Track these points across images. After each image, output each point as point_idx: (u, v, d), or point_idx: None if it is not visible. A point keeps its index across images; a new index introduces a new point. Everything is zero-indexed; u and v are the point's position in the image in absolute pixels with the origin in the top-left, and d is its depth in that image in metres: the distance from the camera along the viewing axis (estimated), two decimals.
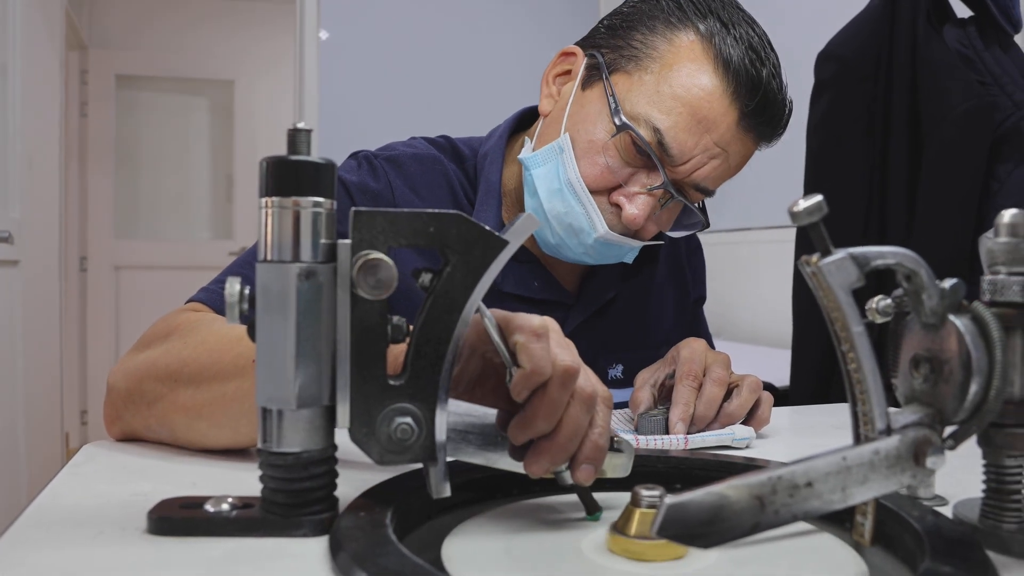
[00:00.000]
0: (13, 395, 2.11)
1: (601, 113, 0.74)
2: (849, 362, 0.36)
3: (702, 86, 0.71)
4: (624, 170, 0.74)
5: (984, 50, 1.04)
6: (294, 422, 0.40)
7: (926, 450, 0.36)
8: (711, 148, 0.72)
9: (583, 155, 0.74)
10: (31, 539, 0.40)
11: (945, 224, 1.04)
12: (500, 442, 0.44)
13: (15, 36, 2.11)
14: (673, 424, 0.65)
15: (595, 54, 0.77)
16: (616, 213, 0.75)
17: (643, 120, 0.72)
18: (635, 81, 0.73)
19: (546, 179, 0.75)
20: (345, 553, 0.35)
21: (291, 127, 0.40)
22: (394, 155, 0.82)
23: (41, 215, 2.50)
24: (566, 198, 0.74)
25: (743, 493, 0.34)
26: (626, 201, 0.74)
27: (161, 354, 0.59)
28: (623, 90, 0.73)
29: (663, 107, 0.71)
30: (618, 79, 0.74)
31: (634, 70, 0.74)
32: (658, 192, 0.74)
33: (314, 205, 0.39)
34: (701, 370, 0.68)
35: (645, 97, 0.72)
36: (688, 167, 0.73)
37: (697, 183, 0.74)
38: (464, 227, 0.41)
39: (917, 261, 0.36)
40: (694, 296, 0.98)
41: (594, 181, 0.74)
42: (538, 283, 0.82)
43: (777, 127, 0.76)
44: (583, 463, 0.44)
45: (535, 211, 0.77)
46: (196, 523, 0.40)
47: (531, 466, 0.43)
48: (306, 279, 0.39)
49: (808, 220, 0.35)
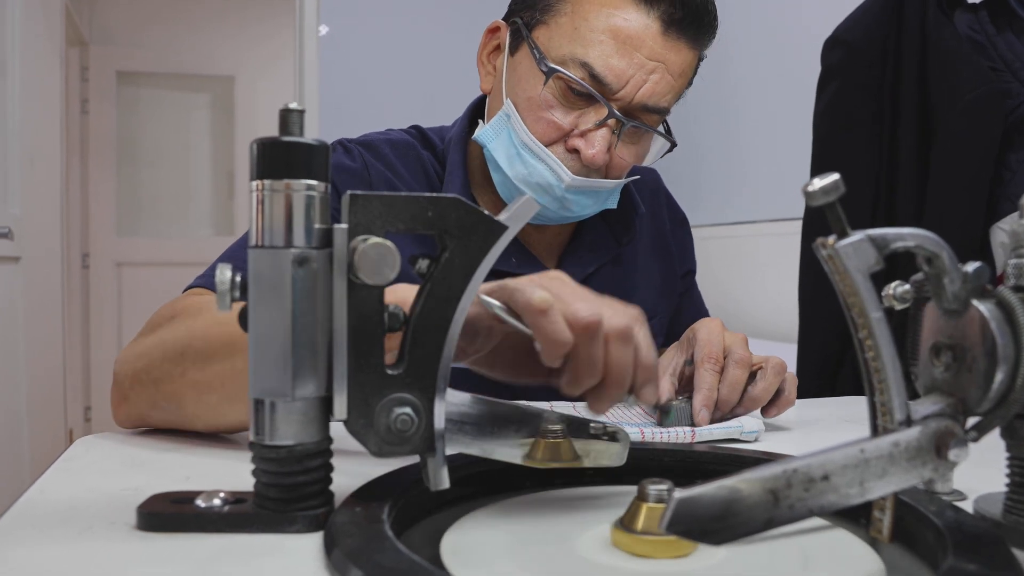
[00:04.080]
0: (16, 392, 2.11)
1: (532, 69, 0.76)
2: (867, 350, 0.34)
3: (615, 7, 0.73)
4: (570, 115, 0.75)
5: (996, 35, 1.02)
6: (287, 414, 0.38)
7: (948, 442, 0.34)
8: (645, 64, 0.73)
9: (527, 113, 0.76)
10: (17, 535, 0.38)
11: (955, 213, 1.02)
12: (496, 432, 0.43)
13: (15, 33, 2.09)
14: (697, 411, 0.63)
15: (516, 19, 0.79)
16: (576, 158, 0.76)
17: (569, 60, 0.73)
18: (553, 28, 0.76)
19: (503, 148, 0.78)
20: (340, 550, 0.34)
21: (283, 107, 0.38)
22: (368, 140, 0.85)
23: (42, 212, 2.49)
24: (525, 159, 0.76)
25: (756, 487, 0.32)
26: (581, 142, 0.75)
27: (169, 334, 0.59)
28: (545, 40, 0.76)
29: (584, 41, 0.73)
30: (539, 33, 0.77)
31: (550, 18, 0.76)
32: (610, 123, 0.74)
33: (307, 188, 0.38)
34: (721, 352, 0.67)
35: (566, 38, 0.74)
36: (628, 90, 0.74)
37: (645, 103, 0.75)
38: (463, 211, 0.39)
39: (939, 243, 0.35)
40: (683, 270, 0.99)
41: (545, 134, 0.76)
42: (516, 259, 0.82)
43: (704, 26, 0.76)
44: (643, 387, 0.45)
45: (503, 184, 0.79)
46: (187, 519, 0.39)
47: (596, 407, 0.45)
48: (300, 265, 0.37)
49: (824, 200, 0.33)
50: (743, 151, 2.12)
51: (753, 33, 2.07)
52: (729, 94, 2.16)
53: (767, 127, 2.01)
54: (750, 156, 2.09)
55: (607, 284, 0.88)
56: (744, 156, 2.12)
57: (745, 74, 2.10)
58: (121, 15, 4.00)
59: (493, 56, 0.84)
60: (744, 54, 2.11)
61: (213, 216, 4.25)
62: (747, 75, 2.09)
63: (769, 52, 2.01)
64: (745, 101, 2.11)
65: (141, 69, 4.00)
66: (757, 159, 2.06)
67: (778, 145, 1.95)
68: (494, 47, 0.83)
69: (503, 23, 0.83)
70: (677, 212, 1.00)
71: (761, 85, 2.04)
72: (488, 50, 0.84)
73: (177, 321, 0.61)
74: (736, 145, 2.14)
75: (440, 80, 2.66)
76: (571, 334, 0.42)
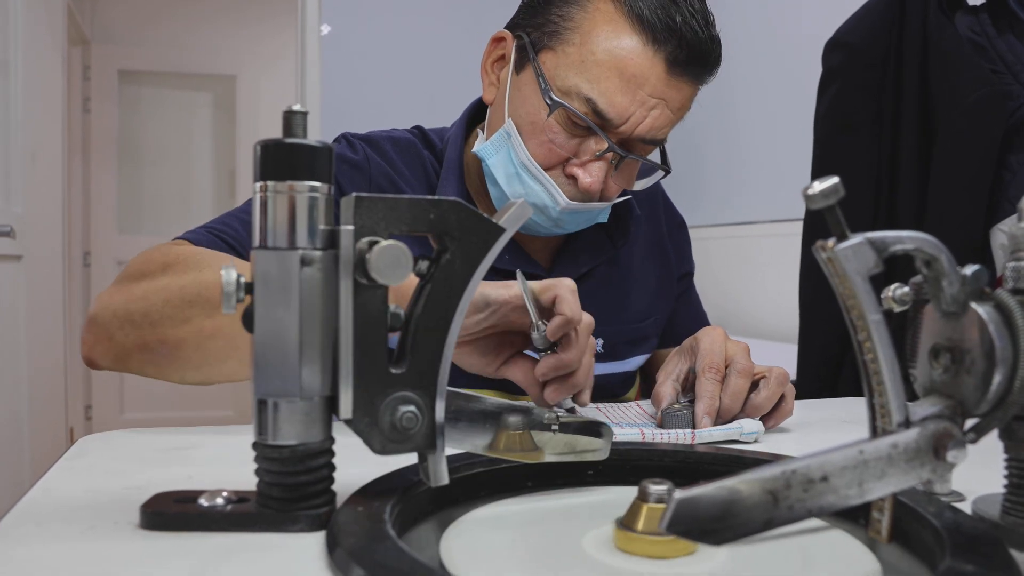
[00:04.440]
0: (17, 390, 2.11)
1: (536, 93, 0.77)
2: (866, 352, 0.35)
3: (622, 46, 0.73)
4: (570, 142, 0.76)
5: (997, 37, 1.02)
6: (291, 414, 0.38)
7: (946, 443, 0.34)
8: (647, 101, 0.74)
9: (529, 137, 0.77)
10: (20, 534, 0.39)
11: (956, 215, 1.02)
12: (487, 428, 0.43)
13: (17, 32, 2.09)
14: (699, 418, 0.64)
15: (521, 35, 0.80)
16: (573, 184, 0.77)
17: (574, 93, 0.74)
18: (560, 56, 0.76)
19: (502, 166, 0.79)
20: (342, 549, 0.34)
21: (287, 109, 0.39)
22: (371, 136, 0.87)
23: (44, 210, 2.49)
24: (523, 180, 0.78)
25: (756, 488, 0.33)
26: (580, 171, 0.76)
27: (173, 281, 0.61)
28: (551, 67, 0.76)
29: (591, 76, 0.74)
30: (545, 57, 0.77)
31: (557, 45, 0.76)
32: (609, 156, 0.76)
33: (311, 190, 0.38)
34: (723, 361, 0.68)
35: (572, 70, 0.75)
36: (629, 125, 0.75)
37: (643, 137, 0.76)
38: (463, 214, 0.40)
39: (938, 246, 0.35)
40: (680, 272, 0.99)
41: (544, 159, 0.77)
42: (510, 256, 0.83)
43: (707, 66, 0.77)
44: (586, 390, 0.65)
45: (500, 200, 0.80)
46: (190, 518, 0.39)
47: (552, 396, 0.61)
48: (307, 266, 0.38)
49: (824, 203, 0.33)
50: (744, 152, 2.12)
51: (754, 35, 2.07)
52: (730, 95, 2.16)
53: (768, 128, 2.01)
54: (751, 157, 2.10)
55: (601, 284, 0.89)
56: (745, 157, 2.12)
57: (746, 75, 2.10)
58: (123, 14, 4.01)
59: (497, 66, 0.84)
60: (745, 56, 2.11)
61: (214, 215, 4.21)
62: (748, 76, 2.09)
63: (770, 54, 2.01)
64: (746, 102, 2.11)
65: (143, 68, 4.01)
66: (758, 160, 2.07)
67: (779, 146, 1.96)
68: (498, 57, 0.83)
69: (508, 34, 0.82)
70: (675, 215, 1.01)
71: (762, 86, 2.04)
72: (492, 59, 0.84)
73: (178, 269, 0.62)
74: (737, 146, 2.15)
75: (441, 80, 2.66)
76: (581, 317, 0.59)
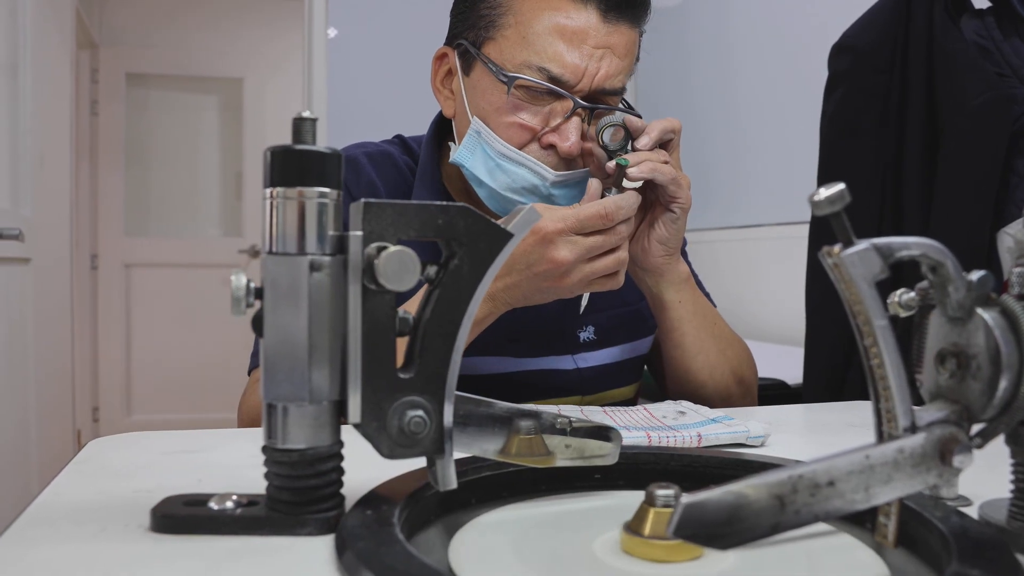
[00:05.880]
0: (25, 392, 2.12)
1: (492, 82, 0.79)
2: (872, 357, 0.35)
3: (555, 8, 0.76)
4: (538, 115, 0.78)
5: (1003, 41, 1.02)
6: (300, 418, 0.39)
7: (953, 448, 0.34)
8: (594, 53, 0.77)
9: (496, 123, 0.79)
10: (32, 536, 0.39)
11: (962, 219, 1.02)
12: (496, 433, 0.44)
13: (25, 35, 2.11)
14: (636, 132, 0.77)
15: (461, 42, 0.83)
16: (553, 153, 0.79)
17: (525, 67, 0.77)
18: (501, 41, 0.79)
19: (482, 163, 0.80)
20: (351, 552, 0.34)
21: (296, 116, 0.39)
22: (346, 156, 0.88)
23: (52, 213, 2.50)
24: (505, 168, 0.79)
25: (763, 492, 0.33)
26: (555, 137, 0.78)
27: None
28: (497, 54, 0.79)
29: (536, 48, 0.76)
30: (488, 48, 0.80)
31: (495, 32, 0.79)
32: (579, 112, 0.78)
33: (320, 196, 0.39)
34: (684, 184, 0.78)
35: (517, 48, 0.77)
36: (585, 80, 0.77)
37: (603, 87, 0.78)
38: (471, 220, 0.40)
39: (943, 252, 0.35)
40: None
41: (518, 138, 0.78)
42: None
43: (638, 7, 0.80)
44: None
45: (490, 197, 0.81)
46: (200, 521, 0.39)
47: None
48: (317, 271, 0.38)
49: (830, 209, 0.33)
50: (750, 155, 2.12)
51: (760, 38, 2.07)
52: (736, 98, 2.16)
53: (774, 131, 2.01)
54: (757, 160, 2.09)
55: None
56: (751, 160, 2.12)
57: (752, 78, 2.10)
58: (131, 17, 4.03)
59: (447, 81, 0.86)
60: (751, 59, 2.11)
61: (221, 217, 4.26)
62: (754, 80, 2.09)
63: (776, 57, 2.01)
64: (752, 105, 2.11)
65: (150, 71, 4.03)
66: (764, 163, 2.06)
67: (785, 149, 1.95)
68: (446, 73, 0.86)
69: (449, 48, 0.85)
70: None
71: (768, 90, 2.04)
72: (440, 77, 0.86)
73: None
74: (743, 149, 2.15)
75: None
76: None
